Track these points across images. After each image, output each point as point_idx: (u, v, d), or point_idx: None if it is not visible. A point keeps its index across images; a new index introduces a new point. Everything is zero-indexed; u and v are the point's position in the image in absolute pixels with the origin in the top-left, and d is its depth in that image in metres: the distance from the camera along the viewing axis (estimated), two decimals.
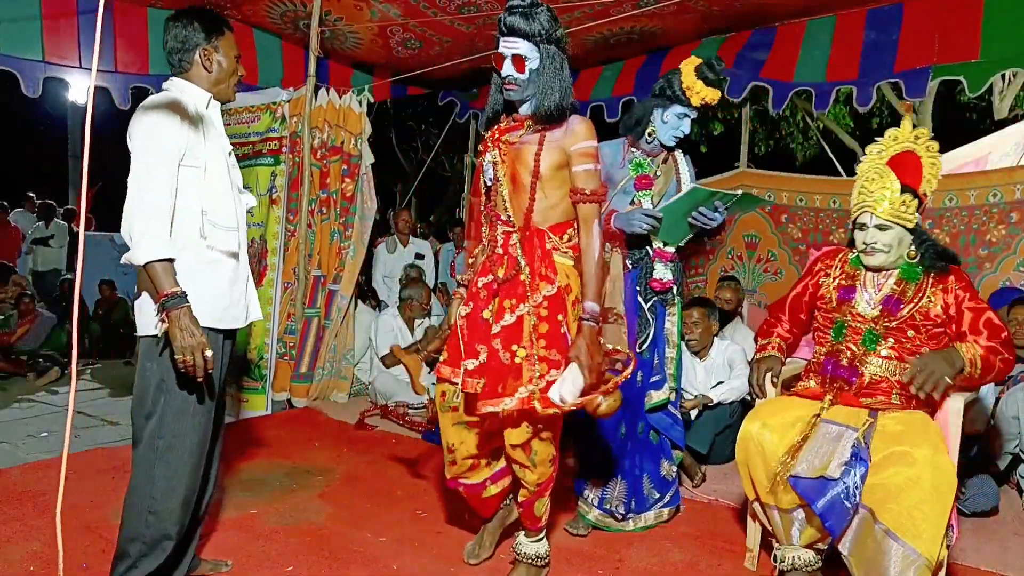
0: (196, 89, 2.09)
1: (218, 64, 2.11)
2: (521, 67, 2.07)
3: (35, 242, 8.44)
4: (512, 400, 2.02)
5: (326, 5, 4.57)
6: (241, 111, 4.65)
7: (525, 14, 2.05)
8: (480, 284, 2.20)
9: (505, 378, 2.05)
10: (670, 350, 2.78)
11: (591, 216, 2.11)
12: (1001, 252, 4.25)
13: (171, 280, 1.86)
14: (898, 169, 2.25)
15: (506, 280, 2.13)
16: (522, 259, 2.11)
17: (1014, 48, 3.93)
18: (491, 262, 2.18)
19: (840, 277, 2.42)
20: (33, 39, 4.16)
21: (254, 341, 4.41)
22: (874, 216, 2.25)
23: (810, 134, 11.37)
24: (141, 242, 1.86)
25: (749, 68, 4.84)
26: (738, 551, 2.57)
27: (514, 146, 2.14)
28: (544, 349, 2.06)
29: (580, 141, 2.09)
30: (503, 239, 2.17)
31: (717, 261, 5.67)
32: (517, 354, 2.06)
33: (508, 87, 2.10)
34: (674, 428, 2.82)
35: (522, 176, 2.12)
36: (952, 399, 2.24)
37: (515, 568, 2.34)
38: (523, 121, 2.15)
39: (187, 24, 2.08)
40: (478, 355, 2.10)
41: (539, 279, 2.09)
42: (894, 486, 1.98)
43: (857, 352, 2.29)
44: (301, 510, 2.87)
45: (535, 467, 2.18)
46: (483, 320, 2.14)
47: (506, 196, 2.15)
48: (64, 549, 2.35)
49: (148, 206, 1.88)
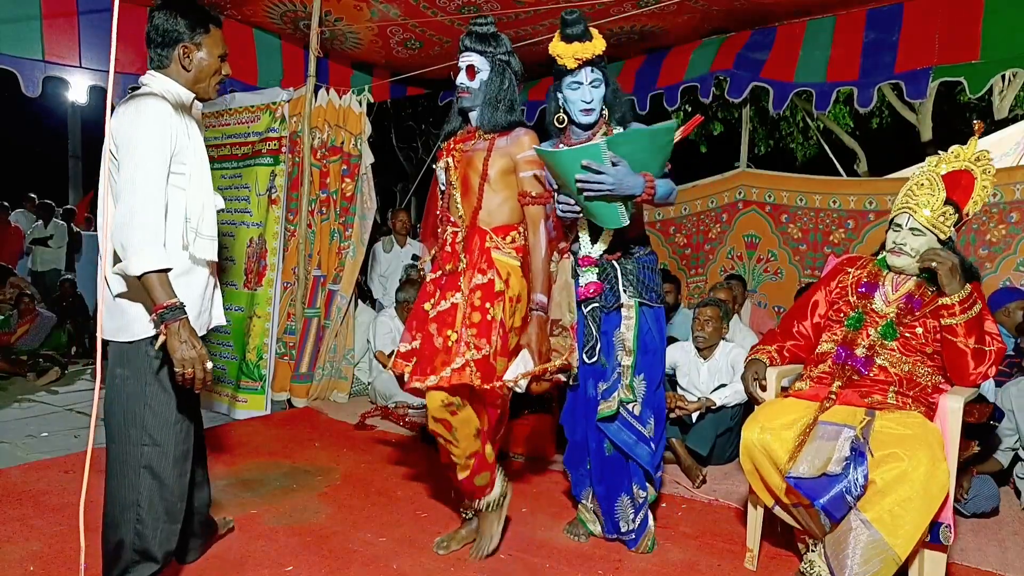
0: (179, 88, 2.00)
1: (199, 62, 2.01)
2: (471, 75, 2.36)
3: (34, 242, 8.44)
4: (436, 377, 2.19)
5: (326, 5, 4.57)
6: (241, 111, 4.65)
7: (480, 35, 2.37)
8: (429, 279, 2.46)
9: (435, 359, 2.25)
10: (626, 357, 2.47)
11: (537, 217, 2.36)
12: (1001, 252, 4.26)
13: (168, 291, 1.80)
14: (950, 184, 2.31)
15: (450, 274, 2.38)
16: (462, 253, 2.36)
17: (1014, 49, 3.94)
18: (440, 259, 2.43)
19: (862, 275, 2.47)
20: (33, 39, 4.16)
21: (254, 341, 4.41)
22: (912, 219, 2.31)
23: (810, 134, 11.36)
24: (140, 252, 1.77)
25: (749, 68, 4.85)
26: (738, 551, 2.57)
27: (466, 153, 2.40)
28: (474, 336, 2.24)
29: (525, 150, 2.34)
30: (451, 238, 2.41)
31: (717, 261, 5.67)
32: (450, 338, 2.27)
33: (461, 94, 2.39)
34: (638, 447, 2.47)
35: (471, 180, 2.37)
36: (951, 399, 2.24)
37: (482, 518, 2.47)
38: (475, 131, 2.42)
39: (170, 16, 1.97)
40: (412, 340, 2.39)
41: (474, 271, 2.32)
42: (883, 483, 1.99)
43: (874, 342, 2.32)
44: (301, 510, 2.87)
45: (458, 441, 2.30)
46: (423, 311, 2.40)
47: (457, 199, 2.40)
48: (64, 549, 2.36)
49: (145, 215, 1.80)
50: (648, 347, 2.52)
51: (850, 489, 2.01)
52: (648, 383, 2.52)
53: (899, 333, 2.31)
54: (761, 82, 4.81)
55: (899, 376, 2.27)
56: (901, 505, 1.96)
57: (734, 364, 3.62)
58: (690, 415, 3.56)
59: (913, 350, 2.29)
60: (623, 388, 2.46)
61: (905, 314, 2.31)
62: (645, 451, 2.49)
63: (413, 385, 2.27)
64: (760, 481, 2.28)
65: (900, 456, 2.01)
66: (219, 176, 4.70)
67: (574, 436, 2.64)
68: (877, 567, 1.96)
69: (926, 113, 10.08)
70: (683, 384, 3.80)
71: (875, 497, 1.99)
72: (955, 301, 2.18)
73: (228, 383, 4.49)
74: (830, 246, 5.02)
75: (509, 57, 2.40)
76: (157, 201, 1.83)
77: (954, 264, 2.17)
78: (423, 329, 2.36)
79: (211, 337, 4.56)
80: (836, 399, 2.28)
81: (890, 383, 2.27)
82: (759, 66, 4.83)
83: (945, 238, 2.31)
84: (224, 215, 4.63)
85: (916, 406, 2.24)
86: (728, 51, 4.97)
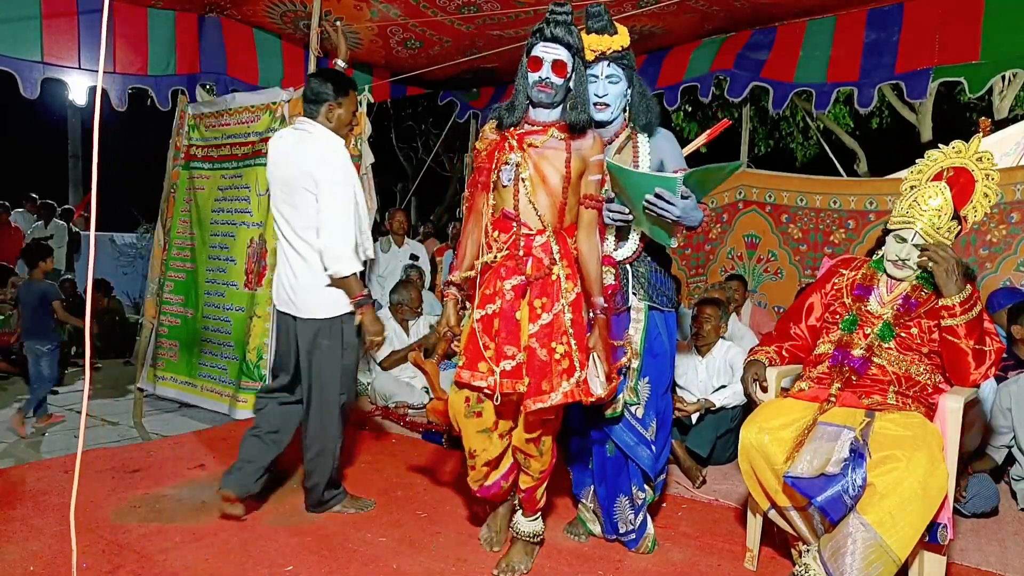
0: (332, 134, 2.65)
1: (338, 117, 2.68)
2: (562, 72, 2.17)
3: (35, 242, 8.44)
4: (558, 395, 2.13)
5: (326, 5, 4.56)
6: (241, 111, 4.65)
7: (568, 26, 2.18)
8: (508, 287, 2.23)
9: (548, 375, 2.15)
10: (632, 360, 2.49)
11: (595, 220, 2.28)
12: (1001, 252, 4.26)
13: (361, 285, 2.56)
14: (951, 186, 2.30)
15: (537, 279, 2.22)
16: (558, 258, 2.23)
17: (1014, 49, 3.93)
18: (516, 263, 2.24)
19: (857, 277, 2.47)
20: (32, 39, 4.15)
21: (254, 341, 4.40)
22: (918, 235, 2.29)
23: (810, 134, 11.37)
24: (343, 259, 2.52)
25: (749, 68, 4.85)
26: (738, 551, 2.57)
27: (538, 150, 2.22)
28: (578, 352, 2.18)
29: (597, 153, 2.26)
30: (524, 241, 2.24)
31: (717, 261, 5.67)
32: (556, 351, 2.17)
33: (543, 89, 2.18)
34: (639, 448, 2.48)
35: (552, 179, 2.22)
36: (950, 399, 2.24)
37: (513, 545, 2.44)
38: (546, 127, 2.23)
39: (322, 82, 2.66)
40: (513, 357, 2.19)
41: (568, 279, 2.22)
42: (882, 484, 1.99)
43: (871, 342, 2.32)
44: (301, 510, 2.87)
45: (542, 456, 2.31)
46: (516, 320, 2.22)
47: (534, 198, 2.22)
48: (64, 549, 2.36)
49: (347, 231, 2.53)
50: (655, 350, 2.52)
51: (848, 490, 2.00)
52: (653, 386, 2.52)
53: (896, 333, 2.30)
54: (761, 82, 4.81)
55: (897, 375, 2.28)
56: (900, 507, 1.96)
57: (732, 364, 3.62)
58: (689, 416, 3.56)
59: (910, 349, 2.29)
60: (627, 390, 2.46)
61: (902, 315, 2.31)
62: (646, 453, 2.49)
63: (536, 408, 2.13)
64: (756, 483, 2.27)
65: (899, 457, 2.01)
66: (219, 176, 4.70)
67: (577, 435, 2.64)
68: (878, 569, 1.96)
69: (926, 113, 10.08)
70: (680, 383, 3.80)
71: (874, 499, 1.98)
72: (956, 302, 2.17)
73: (228, 383, 4.48)
74: (830, 246, 5.01)
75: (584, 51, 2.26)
76: (350, 220, 2.56)
77: (952, 265, 2.16)
78: (516, 342, 2.20)
79: (211, 337, 4.57)
80: (836, 401, 2.28)
81: (889, 383, 2.27)
82: (759, 66, 4.83)
83: None
84: (224, 215, 4.64)
85: (916, 406, 2.24)
86: (728, 51, 4.97)
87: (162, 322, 4.83)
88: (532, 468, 2.33)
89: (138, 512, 2.78)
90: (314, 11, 4.47)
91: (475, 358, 2.22)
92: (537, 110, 2.24)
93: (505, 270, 2.24)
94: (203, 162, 4.80)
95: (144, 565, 2.34)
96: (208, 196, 4.73)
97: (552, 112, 2.24)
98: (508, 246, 2.25)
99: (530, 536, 2.44)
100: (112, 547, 2.46)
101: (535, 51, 2.18)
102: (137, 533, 2.58)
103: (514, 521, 2.48)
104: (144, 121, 6.01)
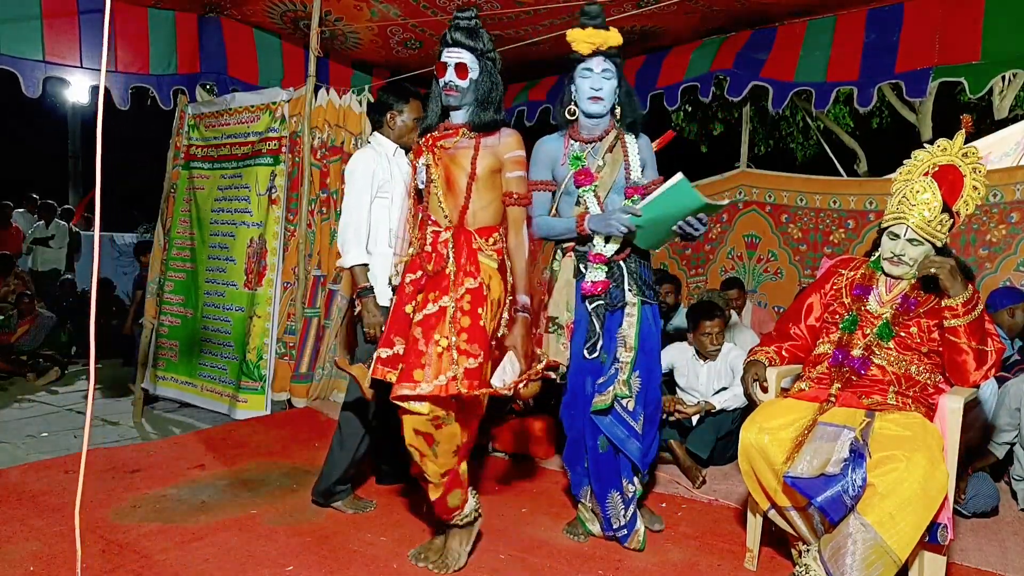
0: (387, 141, 2.89)
1: (402, 123, 2.89)
2: (463, 75, 2.28)
3: (35, 242, 8.44)
4: (429, 386, 2.11)
5: (326, 5, 4.57)
6: (241, 111, 4.65)
7: (470, 30, 2.29)
8: (408, 280, 2.34)
9: (421, 364, 2.14)
10: (625, 353, 2.51)
11: (520, 218, 2.36)
12: (1001, 252, 4.25)
13: (364, 278, 2.69)
14: (940, 182, 2.29)
15: (433, 275, 2.28)
16: (451, 255, 2.27)
17: (1014, 49, 3.93)
18: (420, 259, 2.33)
19: (856, 276, 2.47)
20: (33, 39, 4.16)
21: (254, 341, 4.41)
22: (910, 229, 2.28)
23: (810, 134, 11.36)
24: (345, 252, 2.69)
25: (749, 68, 4.84)
26: (738, 551, 2.57)
27: (448, 151, 2.32)
28: (465, 342, 2.18)
29: (513, 150, 2.33)
30: (432, 238, 2.33)
31: (717, 261, 5.67)
32: (439, 343, 2.17)
33: (449, 92, 2.29)
34: (629, 442, 2.50)
35: (457, 178, 2.31)
36: (950, 399, 2.24)
37: (451, 535, 2.39)
38: (458, 129, 2.33)
39: (384, 92, 2.93)
40: (393, 345, 2.26)
41: (463, 274, 2.25)
42: (882, 485, 1.99)
43: (871, 342, 2.32)
44: (301, 510, 2.87)
45: (437, 457, 2.23)
46: (405, 314, 2.30)
47: (440, 197, 2.33)
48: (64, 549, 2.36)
49: (350, 228, 2.71)
50: (647, 345, 2.57)
51: (848, 490, 2.00)
52: (644, 380, 2.55)
53: (895, 332, 2.31)
54: (761, 82, 4.80)
55: (897, 375, 2.28)
56: (900, 507, 1.96)
57: (733, 366, 3.61)
58: (689, 418, 3.55)
59: (909, 349, 2.30)
60: (619, 383, 2.49)
61: (901, 314, 2.31)
62: (635, 446, 2.53)
63: (402, 393, 2.11)
64: (756, 483, 2.27)
65: (899, 458, 2.01)
66: (219, 176, 4.71)
67: (572, 433, 2.65)
68: (878, 570, 1.96)
69: (926, 113, 10.08)
70: (682, 385, 3.79)
71: (875, 500, 1.98)
72: (959, 303, 2.17)
73: (228, 383, 4.48)
74: (830, 246, 5.01)
75: (494, 53, 2.36)
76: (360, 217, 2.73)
77: (953, 266, 2.17)
78: (404, 333, 2.27)
79: (211, 337, 4.57)
80: (836, 401, 2.28)
81: (889, 383, 2.27)
82: (759, 66, 4.82)
83: (941, 245, 2.31)
84: (224, 215, 4.64)
85: (916, 407, 2.24)
86: (728, 51, 4.96)
87: (162, 322, 4.83)
88: (428, 470, 2.24)
89: (138, 512, 2.79)
90: (314, 11, 4.47)
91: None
92: (453, 114, 2.35)
93: (412, 266, 2.35)
94: (203, 162, 4.80)
95: (144, 565, 2.34)
96: (208, 196, 4.73)
97: (462, 114, 2.34)
98: (419, 243, 2.37)
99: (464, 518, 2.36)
100: (112, 547, 2.46)
101: (441, 57, 2.30)
102: (137, 533, 2.58)
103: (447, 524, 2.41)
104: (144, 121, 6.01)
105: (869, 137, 11.74)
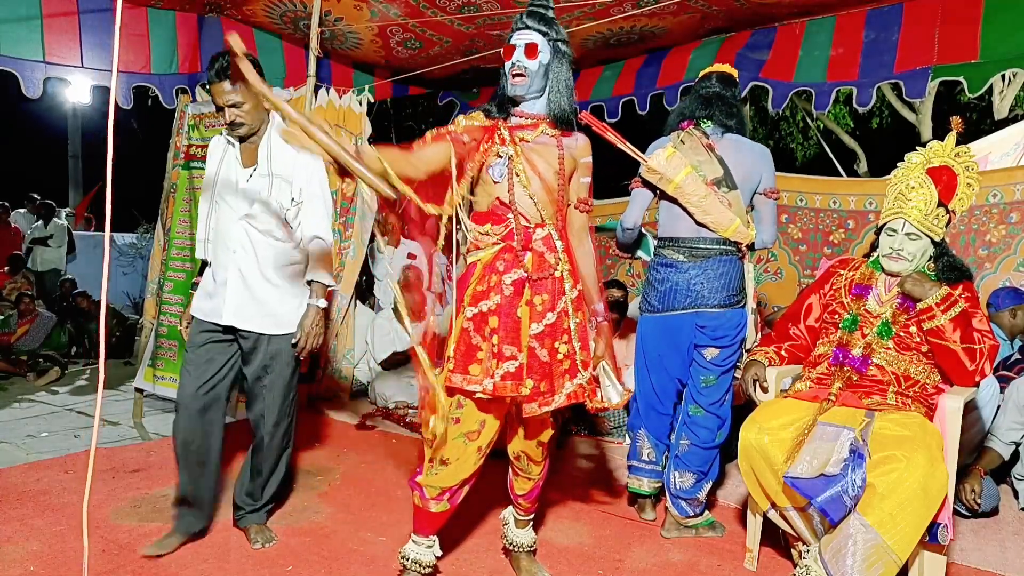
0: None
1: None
2: (533, 54, 2.04)
3: (34, 242, 8.44)
4: (561, 396, 2.03)
5: (326, 5, 4.56)
6: None
7: (543, 15, 2.11)
8: (507, 281, 2.05)
9: (550, 377, 2.03)
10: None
11: (587, 224, 2.24)
12: (1001, 252, 4.25)
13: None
14: (935, 181, 2.32)
15: (541, 279, 2.06)
16: (562, 255, 2.09)
17: (1014, 48, 3.93)
18: (514, 256, 2.06)
19: (855, 277, 2.48)
20: (34, 39, 4.16)
21: None
22: (907, 224, 2.31)
23: (810, 134, 11.37)
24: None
25: (749, 68, 4.84)
26: (738, 551, 2.57)
27: (529, 144, 2.09)
28: (582, 352, 2.10)
29: (587, 155, 2.19)
30: (523, 233, 2.07)
31: None
32: (559, 351, 2.05)
33: (516, 75, 2.05)
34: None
35: (547, 176, 2.09)
36: (950, 398, 2.24)
37: (518, 559, 2.38)
38: (537, 121, 2.11)
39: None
40: (513, 357, 2.00)
41: (572, 279, 2.11)
42: (882, 485, 1.99)
43: (870, 341, 2.33)
44: (301, 510, 2.87)
45: (544, 460, 2.28)
46: (516, 319, 2.03)
47: (531, 192, 2.07)
48: (64, 549, 2.36)
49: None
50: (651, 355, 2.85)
51: (848, 490, 2.01)
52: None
53: (895, 332, 2.31)
54: (761, 82, 4.81)
55: (896, 375, 2.28)
56: (900, 507, 1.96)
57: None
58: None
59: (909, 348, 2.30)
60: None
61: (901, 312, 2.32)
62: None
63: (541, 412, 2.01)
64: (756, 483, 2.27)
65: (899, 458, 2.01)
66: None
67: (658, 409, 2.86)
68: (879, 570, 1.96)
69: (926, 113, 10.08)
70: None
71: (875, 500, 1.98)
72: (933, 303, 2.22)
73: None
74: (830, 246, 5.01)
75: (568, 47, 2.14)
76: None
77: (913, 275, 2.27)
78: (516, 341, 2.02)
79: None
80: (836, 401, 2.28)
81: (889, 383, 2.28)
82: (759, 66, 4.82)
83: (939, 239, 2.33)
84: None
85: (916, 406, 2.24)
86: (728, 51, 4.96)
87: (162, 322, 4.83)
88: (533, 474, 2.27)
89: (138, 512, 2.79)
90: (314, 11, 4.47)
91: (466, 360, 2.03)
92: (525, 104, 2.11)
93: (503, 264, 2.05)
94: (203, 162, 4.79)
95: (144, 565, 2.34)
96: None
97: (539, 104, 2.11)
98: (503, 238, 2.07)
99: (531, 545, 2.40)
100: (112, 547, 2.46)
101: (510, 41, 2.10)
102: (137, 533, 2.58)
103: (513, 533, 2.38)
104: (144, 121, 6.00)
105: (869, 137, 11.75)
